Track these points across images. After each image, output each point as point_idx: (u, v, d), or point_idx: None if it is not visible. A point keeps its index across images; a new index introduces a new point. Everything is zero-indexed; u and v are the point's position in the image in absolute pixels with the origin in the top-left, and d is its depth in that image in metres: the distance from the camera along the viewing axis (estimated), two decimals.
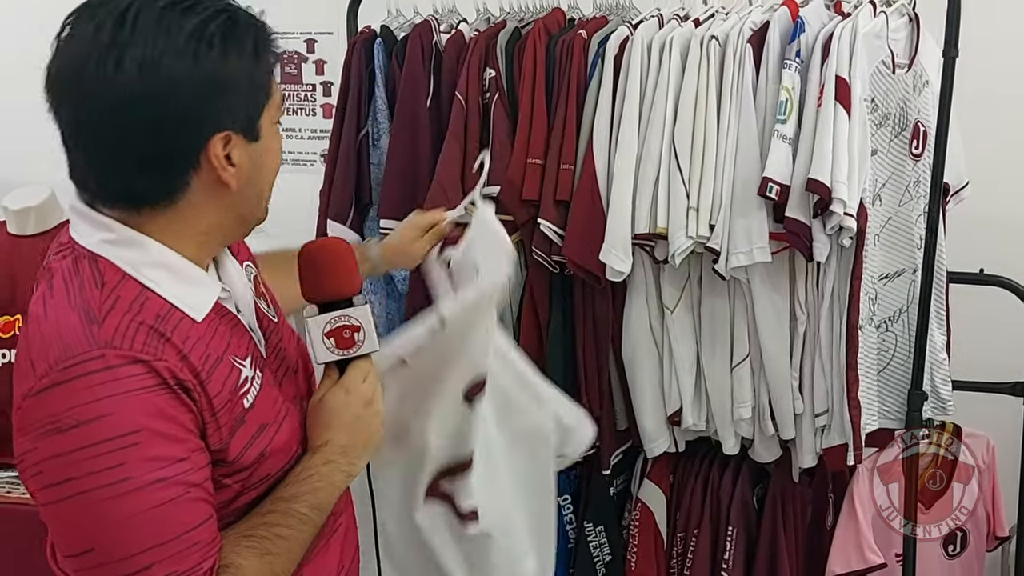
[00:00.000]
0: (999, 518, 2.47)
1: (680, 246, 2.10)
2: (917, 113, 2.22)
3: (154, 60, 1.13)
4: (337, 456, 1.32)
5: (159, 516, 1.13)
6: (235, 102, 1.19)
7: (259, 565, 1.23)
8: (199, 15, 1.17)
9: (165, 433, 1.14)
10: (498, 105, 2.24)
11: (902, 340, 2.27)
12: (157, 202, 1.20)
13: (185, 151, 1.18)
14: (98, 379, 1.11)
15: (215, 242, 1.28)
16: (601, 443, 2.36)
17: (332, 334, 1.35)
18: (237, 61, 1.18)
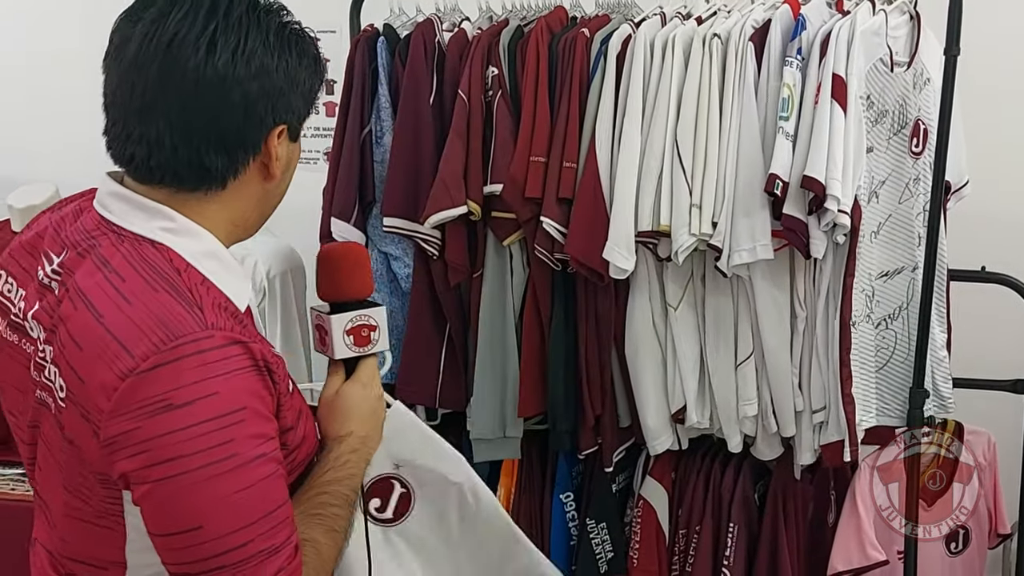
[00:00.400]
0: (1001, 515, 2.48)
1: (683, 243, 2.10)
2: (918, 111, 2.22)
3: (245, 48, 1.21)
4: (360, 445, 1.41)
5: (259, 492, 1.18)
6: (296, 101, 1.28)
7: (330, 540, 1.31)
8: (281, 18, 1.27)
9: (261, 412, 1.20)
10: (501, 103, 2.25)
11: (902, 338, 2.28)
12: (213, 184, 1.25)
13: (255, 136, 1.25)
14: (209, 358, 1.16)
15: (237, 235, 1.32)
16: (603, 441, 2.37)
17: (352, 332, 1.44)
18: (305, 66, 1.28)
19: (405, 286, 2.40)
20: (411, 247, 2.37)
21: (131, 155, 1.25)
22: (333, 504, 1.34)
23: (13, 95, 3.52)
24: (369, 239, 2.41)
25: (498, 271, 2.33)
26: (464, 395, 2.42)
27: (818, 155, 1.99)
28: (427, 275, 2.36)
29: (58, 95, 3.41)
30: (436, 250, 2.31)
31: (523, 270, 2.33)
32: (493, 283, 2.33)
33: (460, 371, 2.42)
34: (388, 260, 2.40)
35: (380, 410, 1.47)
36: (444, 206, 2.23)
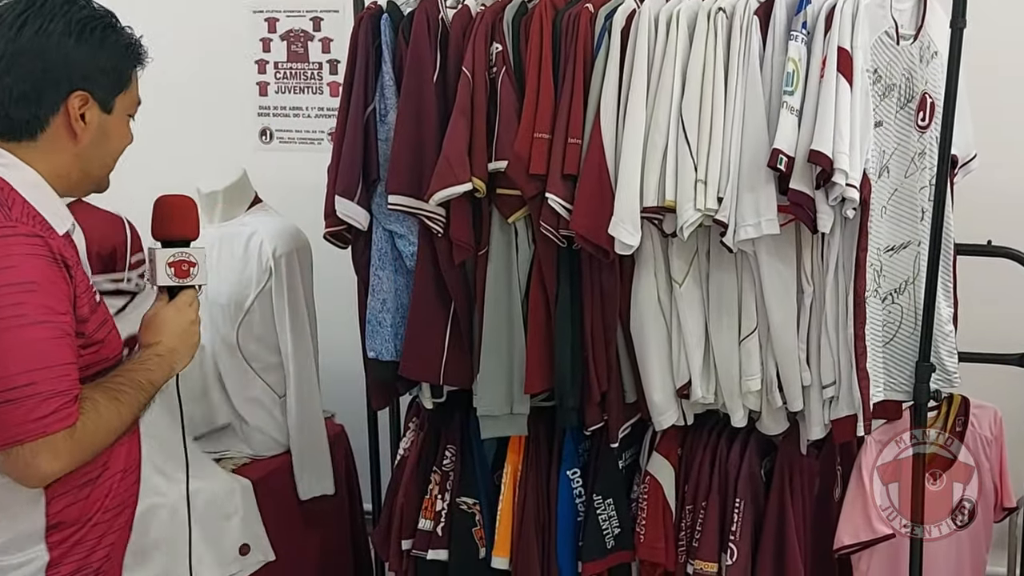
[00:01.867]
0: (1006, 490, 2.48)
1: (688, 219, 2.10)
2: (924, 84, 2.21)
3: (47, 29, 1.57)
4: (166, 353, 1.73)
5: (44, 347, 1.50)
6: (99, 77, 1.62)
7: (110, 405, 1.60)
8: (89, 11, 1.63)
9: (53, 292, 1.51)
10: (505, 80, 2.24)
11: (908, 312, 2.28)
12: (23, 134, 1.60)
13: (51, 97, 1.59)
14: (10, 241, 1.49)
15: (64, 185, 1.65)
16: (609, 416, 2.37)
17: (173, 264, 1.76)
18: (107, 48, 1.62)
19: (410, 264, 2.40)
20: (415, 225, 2.37)
21: None
22: (124, 383, 1.64)
23: None
24: (374, 217, 2.41)
25: (503, 249, 2.33)
26: (469, 372, 2.42)
27: (824, 129, 1.98)
28: (432, 253, 2.36)
29: None
30: (441, 228, 2.31)
31: (528, 247, 2.33)
32: (498, 261, 2.33)
33: (465, 348, 2.42)
34: (393, 238, 2.40)
35: (191, 332, 1.78)
36: (448, 183, 2.22)
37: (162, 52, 3.46)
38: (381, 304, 2.42)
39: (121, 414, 1.62)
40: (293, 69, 3.33)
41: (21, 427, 1.48)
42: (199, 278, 1.78)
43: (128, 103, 1.70)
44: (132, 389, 1.64)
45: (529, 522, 2.49)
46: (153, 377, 1.70)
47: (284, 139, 3.38)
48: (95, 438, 1.58)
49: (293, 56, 3.33)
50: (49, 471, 1.53)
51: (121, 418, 1.63)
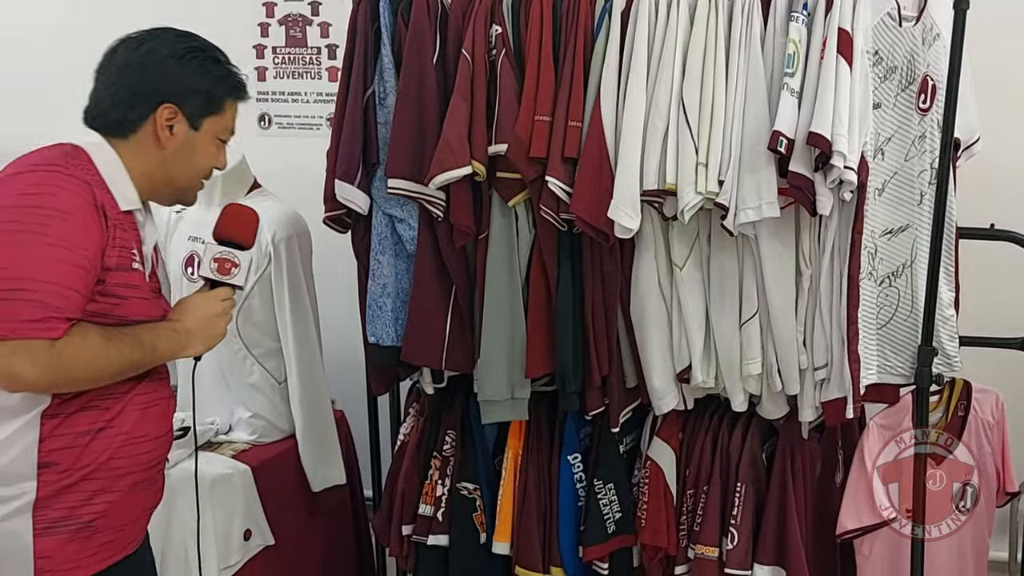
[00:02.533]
0: (1009, 474, 2.48)
1: (689, 202, 2.09)
2: (926, 67, 2.20)
3: (156, 51, 1.81)
4: (181, 331, 1.84)
5: (55, 266, 1.63)
6: (190, 96, 1.82)
7: (100, 342, 1.68)
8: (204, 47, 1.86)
9: (82, 228, 1.66)
10: (504, 62, 2.23)
11: (904, 296, 2.27)
12: (116, 131, 1.80)
13: (143, 106, 1.80)
14: (56, 178, 1.67)
15: (148, 184, 1.83)
16: (610, 401, 2.37)
17: (218, 260, 1.91)
18: (207, 76, 1.84)
19: (410, 248, 2.39)
20: (416, 209, 2.36)
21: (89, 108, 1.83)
22: (125, 333, 1.73)
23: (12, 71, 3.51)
24: (373, 201, 2.40)
25: (504, 233, 2.32)
26: (471, 357, 2.42)
27: (824, 111, 1.97)
28: (432, 237, 2.35)
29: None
30: (441, 212, 2.30)
31: (529, 231, 2.32)
32: (499, 245, 2.32)
33: (467, 333, 2.41)
34: (393, 222, 2.39)
35: (214, 323, 1.89)
36: (448, 167, 2.21)
37: None
38: (381, 289, 2.41)
39: (109, 356, 1.70)
40: (291, 54, 3.32)
41: (5, 324, 1.60)
42: (238, 279, 1.92)
43: (219, 127, 1.87)
44: (131, 341, 1.73)
45: (530, 507, 2.49)
46: (159, 344, 1.79)
47: (283, 124, 3.37)
48: (75, 365, 1.66)
49: (291, 41, 3.32)
50: (24, 376, 1.62)
51: (108, 359, 1.70)
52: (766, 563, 2.36)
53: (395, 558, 2.71)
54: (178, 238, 2.74)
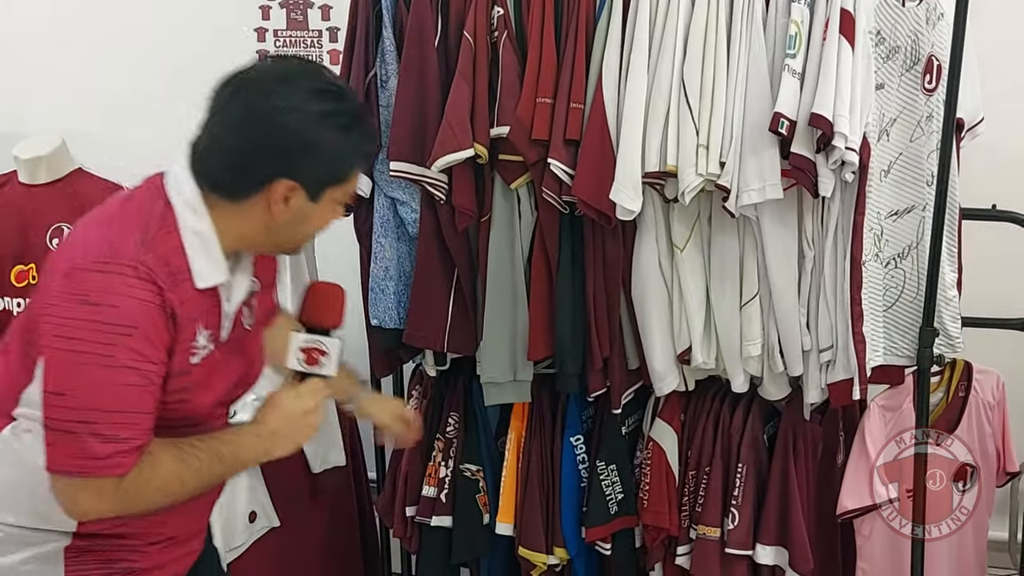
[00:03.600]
0: (1009, 454, 2.48)
1: (690, 184, 2.09)
2: (931, 47, 2.19)
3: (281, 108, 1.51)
4: (265, 435, 1.67)
5: (122, 392, 1.49)
6: (316, 170, 1.57)
7: (172, 465, 1.57)
8: (339, 103, 1.57)
9: (150, 339, 1.51)
10: (506, 44, 2.23)
11: (911, 277, 2.27)
12: (226, 195, 1.57)
13: (261, 175, 1.55)
14: (123, 279, 1.49)
15: (245, 246, 1.64)
16: (612, 383, 2.37)
17: (305, 351, 1.72)
18: (338, 147, 1.57)
19: (412, 231, 2.40)
20: (418, 192, 2.36)
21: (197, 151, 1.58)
22: (201, 450, 1.60)
23: (12, 51, 3.50)
24: (376, 184, 2.40)
25: (506, 215, 2.32)
26: (473, 339, 2.42)
27: (826, 92, 1.97)
28: (434, 220, 2.36)
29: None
30: (443, 194, 2.30)
31: (531, 213, 2.32)
32: (501, 227, 2.32)
33: (469, 316, 2.42)
34: (395, 205, 2.40)
35: (302, 422, 1.70)
36: (451, 149, 2.21)
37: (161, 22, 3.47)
38: (384, 271, 2.42)
39: (183, 479, 1.58)
40: (293, 37, 3.31)
41: (71, 461, 1.50)
42: (328, 369, 1.73)
43: (340, 194, 1.64)
44: (208, 458, 1.60)
45: (533, 488, 2.50)
46: (240, 454, 1.65)
47: None
48: (145, 494, 1.56)
49: (292, 24, 3.31)
50: (89, 510, 1.55)
51: (182, 482, 1.59)
52: (768, 543, 2.37)
53: (399, 539, 2.72)
54: None
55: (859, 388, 2.19)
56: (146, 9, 3.36)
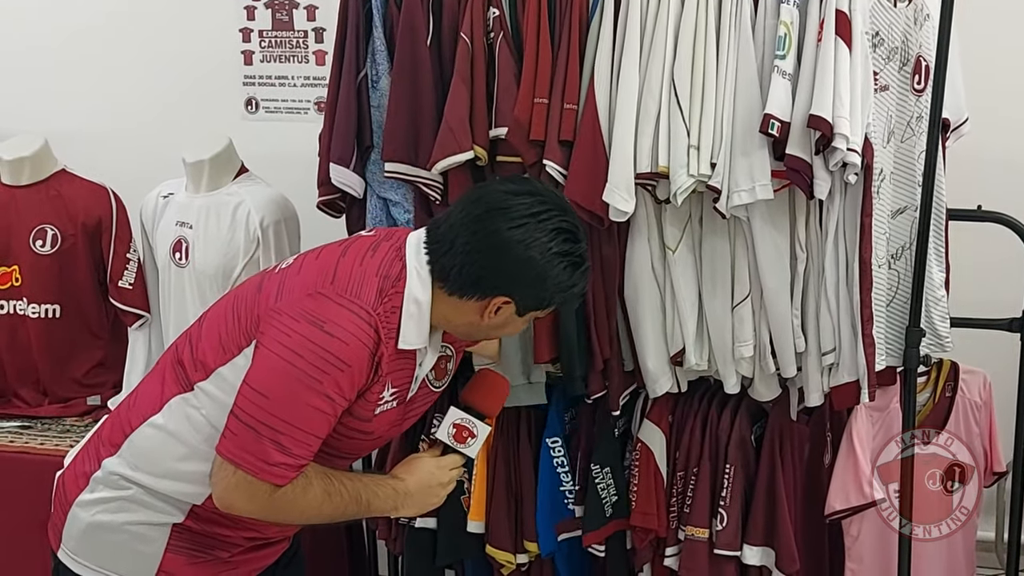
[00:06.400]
0: (996, 454, 2.49)
1: (681, 185, 2.09)
2: (919, 47, 2.21)
3: (524, 242, 1.69)
4: (401, 492, 1.84)
5: (312, 415, 1.65)
6: (534, 294, 1.76)
7: (319, 497, 1.72)
8: (575, 244, 1.75)
9: (354, 379, 1.67)
10: (502, 45, 2.21)
11: (904, 277, 2.28)
12: (450, 290, 1.75)
13: (490, 287, 1.74)
14: (358, 320, 1.67)
15: (448, 328, 1.83)
16: (611, 384, 2.37)
17: (457, 427, 1.88)
18: (560, 283, 1.74)
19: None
20: (411, 192, 2.34)
21: (439, 254, 1.75)
22: (346, 489, 1.76)
23: None
24: (368, 185, 2.38)
25: None
26: None
27: (824, 94, 1.97)
28: (428, 220, 2.33)
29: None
30: (439, 195, 2.29)
31: None
32: None
33: None
34: (387, 206, 2.38)
35: (434, 493, 1.88)
36: (451, 151, 2.20)
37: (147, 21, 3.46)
38: None
39: (322, 509, 1.74)
40: (278, 37, 3.30)
41: (246, 456, 1.64)
42: (471, 450, 1.90)
43: (541, 313, 1.83)
44: (349, 497, 1.77)
45: (500, 488, 2.50)
46: (374, 501, 1.81)
47: (270, 109, 3.35)
48: (288, 510, 1.72)
49: (278, 24, 3.29)
50: (236, 505, 1.70)
51: (320, 511, 1.75)
52: (755, 544, 2.37)
53: (384, 541, 2.71)
54: (165, 224, 2.73)
55: (868, 391, 2.19)
56: (127, 8, 3.33)
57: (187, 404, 1.75)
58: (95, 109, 3.37)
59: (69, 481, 1.85)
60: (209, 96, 3.31)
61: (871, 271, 2.14)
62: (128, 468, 1.78)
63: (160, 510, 1.79)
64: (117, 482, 1.79)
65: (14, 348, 2.90)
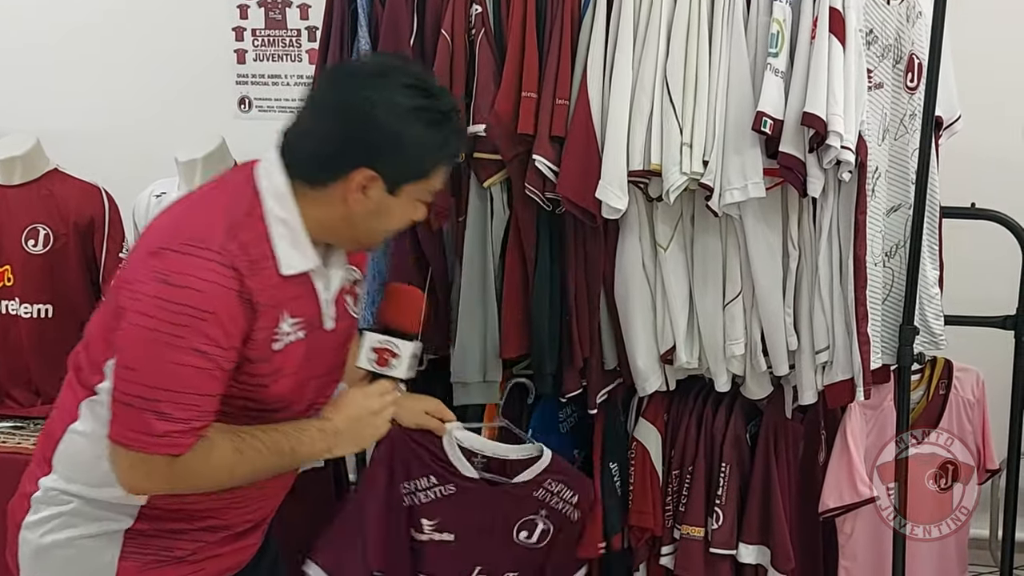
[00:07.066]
0: (989, 452, 2.50)
1: (674, 183, 2.09)
2: (911, 45, 2.21)
3: (372, 100, 1.56)
4: (329, 432, 1.70)
5: (187, 374, 1.52)
6: (395, 161, 1.59)
7: (228, 456, 1.60)
8: (431, 99, 1.60)
9: (224, 326, 1.53)
10: (483, 42, 2.21)
11: (899, 275, 2.28)
12: (310, 182, 1.61)
13: (344, 164, 1.59)
14: (207, 263, 1.52)
15: (330, 237, 1.67)
16: (588, 383, 2.36)
17: (377, 351, 1.73)
18: (422, 143, 1.59)
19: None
20: None
21: (288, 140, 1.63)
22: (261, 442, 1.62)
23: None
24: None
25: (480, 214, 2.30)
26: (448, 340, 2.40)
27: (817, 91, 1.96)
28: None
29: None
30: None
31: (503, 212, 2.29)
32: (475, 226, 2.29)
33: (442, 316, 2.40)
34: None
35: (368, 423, 1.74)
36: None
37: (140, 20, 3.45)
38: None
39: (235, 468, 1.62)
40: (271, 36, 3.29)
41: (130, 434, 1.54)
42: (398, 371, 1.75)
43: (421, 191, 1.67)
44: (266, 450, 1.63)
45: None
46: (300, 449, 1.67)
47: (263, 107, 3.35)
48: (196, 477, 1.60)
49: (271, 23, 3.29)
50: (139, 484, 1.60)
51: (232, 472, 1.63)
52: (750, 542, 2.37)
53: None
54: None
55: (863, 389, 2.18)
56: (122, 7, 3.33)
57: (96, 405, 1.66)
58: (89, 107, 3.37)
59: (15, 505, 1.77)
60: (202, 95, 3.31)
61: (866, 269, 2.13)
62: (64, 482, 1.70)
63: (106, 519, 1.69)
64: (57, 498, 1.71)
65: (6, 348, 2.89)
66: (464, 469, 2.27)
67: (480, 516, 2.29)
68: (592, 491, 2.35)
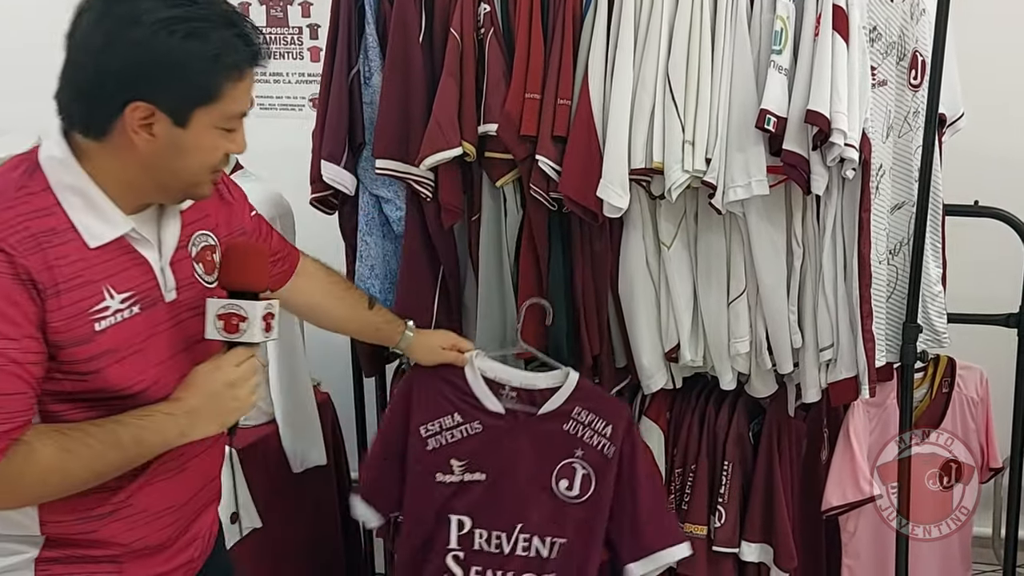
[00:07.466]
0: (992, 450, 2.50)
1: (676, 181, 2.08)
2: (915, 42, 2.20)
3: (124, 21, 1.37)
4: (181, 414, 1.49)
5: None
6: (171, 87, 1.40)
7: (53, 457, 1.39)
8: (190, 8, 1.39)
9: (9, 313, 1.35)
10: (493, 41, 2.20)
11: (903, 273, 2.28)
12: (88, 133, 1.43)
13: (112, 101, 1.39)
14: None
15: (137, 194, 1.48)
16: (600, 380, 2.37)
17: (223, 317, 1.53)
18: (192, 59, 1.39)
19: (397, 229, 2.38)
20: (403, 189, 2.34)
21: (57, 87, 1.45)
22: (92, 435, 1.42)
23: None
24: (360, 182, 2.38)
25: (493, 213, 2.31)
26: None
27: (821, 89, 1.96)
28: (420, 218, 2.34)
29: None
30: (429, 192, 2.28)
31: (517, 211, 2.30)
32: (489, 226, 2.30)
33: (454, 315, 2.41)
34: (380, 203, 2.38)
35: (227, 397, 1.52)
36: (439, 147, 2.19)
37: None
38: (369, 270, 2.40)
39: (68, 468, 1.42)
40: (272, 34, 3.29)
41: None
42: (249, 335, 1.54)
43: (217, 117, 1.45)
44: (102, 446, 1.43)
45: None
46: (146, 437, 1.47)
47: (264, 105, 3.34)
48: (23, 486, 1.40)
49: (272, 21, 3.28)
50: None
51: (66, 473, 1.42)
52: (753, 540, 2.37)
53: (382, 539, 2.70)
54: None
55: (868, 387, 2.18)
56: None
57: None
58: None
59: None
60: None
61: (870, 267, 2.13)
62: None
63: (11, 552, 1.51)
64: None
65: None
66: (490, 404, 2.20)
67: (511, 456, 2.21)
68: (626, 414, 2.25)
